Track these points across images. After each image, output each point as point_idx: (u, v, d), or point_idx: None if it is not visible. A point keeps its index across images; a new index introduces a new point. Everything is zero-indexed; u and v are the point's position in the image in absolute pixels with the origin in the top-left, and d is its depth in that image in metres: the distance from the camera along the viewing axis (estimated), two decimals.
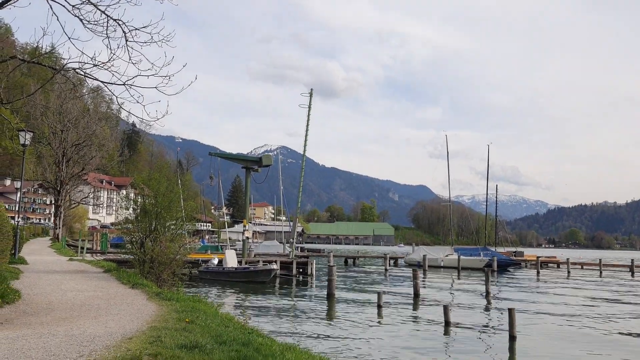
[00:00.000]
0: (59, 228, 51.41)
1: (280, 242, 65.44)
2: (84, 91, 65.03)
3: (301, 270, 41.55)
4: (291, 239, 49.35)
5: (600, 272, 55.52)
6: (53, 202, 59.94)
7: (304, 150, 46.81)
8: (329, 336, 16.89)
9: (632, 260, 58.33)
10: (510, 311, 16.79)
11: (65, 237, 52.72)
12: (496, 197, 76.53)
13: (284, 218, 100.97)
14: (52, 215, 65.96)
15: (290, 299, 28.00)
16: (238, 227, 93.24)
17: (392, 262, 60.01)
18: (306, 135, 46.32)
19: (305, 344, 13.43)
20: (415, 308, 24.85)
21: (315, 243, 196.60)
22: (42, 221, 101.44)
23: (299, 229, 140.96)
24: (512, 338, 16.38)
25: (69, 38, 9.02)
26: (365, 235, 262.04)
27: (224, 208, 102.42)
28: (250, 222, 54.42)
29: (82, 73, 9.93)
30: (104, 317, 9.89)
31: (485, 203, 76.08)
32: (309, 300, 27.43)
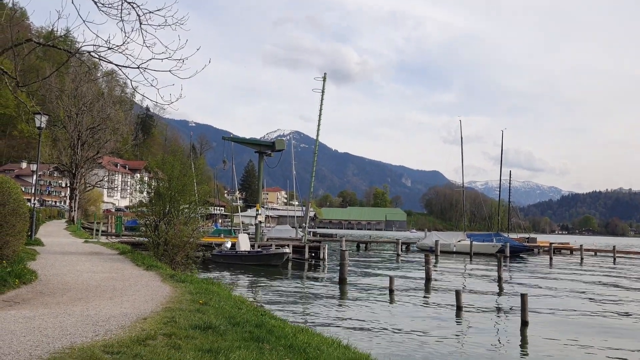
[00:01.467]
0: (74, 211, 51.95)
1: (292, 227, 65.64)
2: (99, 75, 65.26)
3: (313, 254, 41.73)
4: (304, 224, 49.47)
5: (614, 259, 55.15)
6: (68, 185, 60.51)
7: (317, 135, 46.69)
8: (340, 319, 16.99)
9: None
10: (523, 296, 16.78)
11: (81, 220, 53.26)
12: (509, 183, 76.07)
13: (297, 203, 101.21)
14: (68, 198, 66.65)
15: (302, 282, 28.16)
16: (251, 212, 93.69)
17: (404, 247, 60.01)
18: (319, 120, 46.17)
19: (317, 327, 13.53)
20: (427, 293, 24.90)
21: (327, 228, 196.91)
22: (57, 204, 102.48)
23: (312, 214, 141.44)
24: (524, 323, 16.38)
25: (84, 21, 9.06)
26: (377, 221, 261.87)
27: (237, 192, 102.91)
28: (263, 207, 54.49)
29: (97, 56, 9.99)
30: (119, 298, 10.03)
31: (498, 189, 75.65)
32: (321, 284, 27.57)
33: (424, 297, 23.61)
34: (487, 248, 55.08)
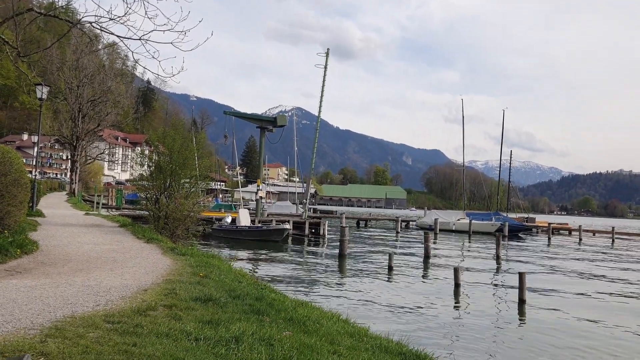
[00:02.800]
0: (75, 183, 52.01)
1: (293, 203, 65.79)
2: (100, 46, 64.81)
3: (313, 230, 41.91)
4: (304, 200, 49.58)
5: (613, 240, 55.37)
6: (69, 157, 60.47)
7: (319, 112, 46.52)
8: (340, 294, 17.11)
9: None
10: (521, 275, 16.88)
11: (82, 192, 53.34)
12: (510, 163, 76.00)
13: (298, 179, 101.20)
14: (69, 170, 66.69)
15: (302, 258, 28.29)
16: (251, 187, 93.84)
17: (403, 225, 60.24)
18: (321, 96, 45.94)
19: (316, 302, 13.63)
20: (425, 270, 25.04)
21: (327, 205, 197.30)
22: (58, 176, 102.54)
23: (312, 191, 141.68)
24: (522, 301, 16.50)
25: None
26: (377, 198, 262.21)
27: (238, 168, 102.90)
28: (264, 183, 54.52)
29: (98, 27, 9.89)
30: (120, 270, 10.09)
31: (498, 169, 75.65)
32: (321, 260, 27.71)
33: (423, 274, 23.75)
34: (486, 227, 55.30)
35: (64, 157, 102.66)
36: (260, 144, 46.29)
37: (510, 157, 76.89)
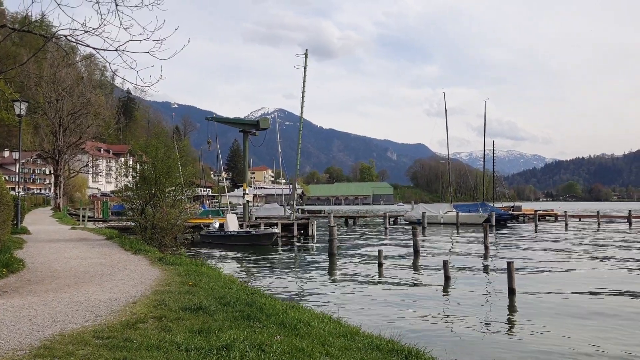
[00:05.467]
0: (60, 197, 51.57)
1: (280, 205, 65.76)
2: (77, 59, 64.25)
3: (302, 231, 41.91)
4: (291, 201, 49.59)
5: (598, 224, 55.96)
6: (52, 172, 59.95)
7: (301, 113, 46.56)
8: (330, 295, 17.11)
9: (630, 211, 58.75)
10: (509, 265, 16.96)
11: (67, 206, 52.88)
12: (493, 153, 76.56)
13: (284, 181, 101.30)
14: (52, 185, 66.06)
15: (292, 260, 28.27)
16: (238, 191, 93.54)
17: (391, 220, 60.40)
18: (303, 97, 46.00)
19: (307, 303, 13.63)
20: (415, 264, 25.11)
21: (315, 204, 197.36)
22: (42, 191, 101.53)
23: (299, 191, 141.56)
24: (511, 291, 16.59)
25: (58, 4, 8.89)
26: (364, 195, 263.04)
27: (224, 173, 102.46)
28: (250, 186, 54.53)
29: (74, 40, 9.82)
30: (108, 283, 10.03)
31: (482, 159, 76.20)
32: (311, 260, 27.71)
33: (413, 268, 23.82)
34: (473, 218, 55.65)
35: (47, 172, 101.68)
36: (244, 148, 46.19)
37: (494, 147, 77.54)
